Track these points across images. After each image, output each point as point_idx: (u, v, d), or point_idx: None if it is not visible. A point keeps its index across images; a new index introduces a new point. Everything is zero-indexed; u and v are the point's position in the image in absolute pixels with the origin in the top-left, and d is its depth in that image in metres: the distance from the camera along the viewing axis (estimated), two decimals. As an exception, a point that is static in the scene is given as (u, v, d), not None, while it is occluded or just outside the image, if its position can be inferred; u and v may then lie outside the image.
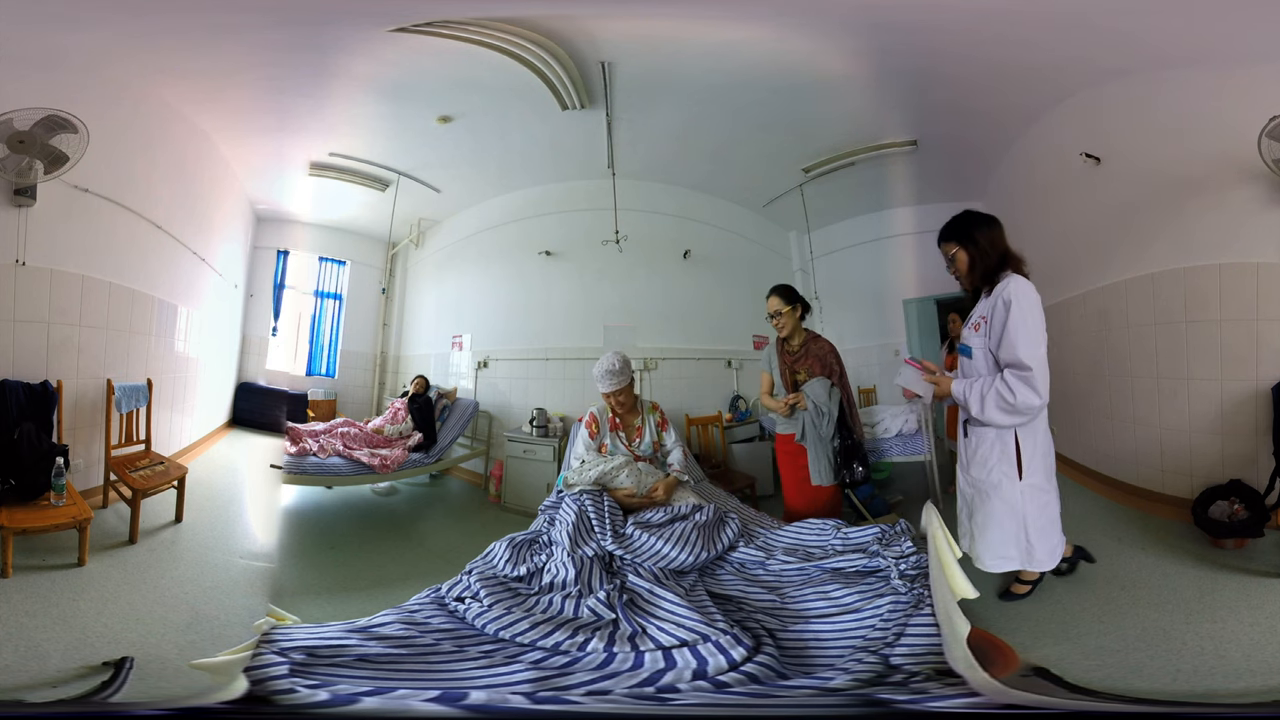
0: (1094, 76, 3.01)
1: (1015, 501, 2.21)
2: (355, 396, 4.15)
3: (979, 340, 2.25)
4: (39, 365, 2.86)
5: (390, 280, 4.28)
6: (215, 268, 3.77)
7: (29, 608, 2.23)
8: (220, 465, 3.64)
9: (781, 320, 2.97)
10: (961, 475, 2.36)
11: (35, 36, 2.63)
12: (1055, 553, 2.26)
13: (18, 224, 2.79)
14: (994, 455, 2.23)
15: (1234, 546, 2.55)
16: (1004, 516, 2.23)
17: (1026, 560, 2.23)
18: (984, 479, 2.25)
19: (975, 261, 2.27)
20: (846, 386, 3.01)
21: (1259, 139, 2.60)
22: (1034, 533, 2.21)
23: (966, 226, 2.29)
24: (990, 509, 2.25)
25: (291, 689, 1.44)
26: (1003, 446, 2.22)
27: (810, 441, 2.91)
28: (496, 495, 3.81)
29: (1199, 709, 1.73)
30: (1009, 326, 2.10)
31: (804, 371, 2.98)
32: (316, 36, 2.91)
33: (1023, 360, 2.07)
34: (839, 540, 2.28)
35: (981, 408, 2.15)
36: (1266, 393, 2.67)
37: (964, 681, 1.49)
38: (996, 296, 2.18)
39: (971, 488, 2.31)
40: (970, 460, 2.31)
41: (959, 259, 2.31)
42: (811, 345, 3.01)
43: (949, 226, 2.35)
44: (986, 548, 2.26)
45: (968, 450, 2.32)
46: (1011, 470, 2.21)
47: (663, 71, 3.19)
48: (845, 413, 2.92)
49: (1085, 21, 2.69)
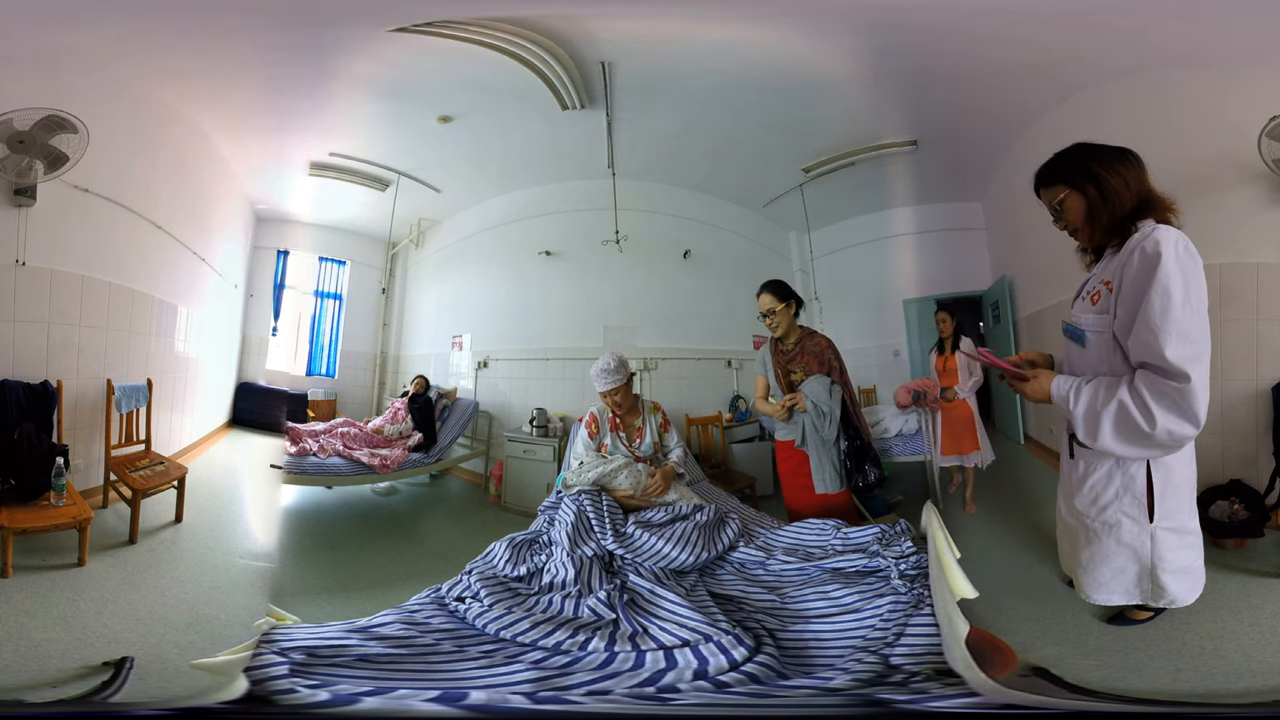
0: (1094, 76, 3.01)
1: (1140, 546, 1.68)
2: (355, 396, 4.15)
3: (1097, 319, 1.58)
4: (39, 365, 2.86)
5: (390, 280, 4.28)
6: (215, 268, 3.77)
7: (29, 608, 2.23)
8: (220, 465, 3.64)
9: (775, 319, 2.78)
10: (1063, 503, 1.86)
11: (35, 36, 2.63)
12: (1196, 590, 1.76)
13: (18, 224, 2.79)
14: (1111, 489, 1.66)
15: (1234, 546, 2.55)
16: (1121, 560, 1.72)
17: (1150, 599, 1.79)
18: (1094, 516, 1.71)
19: (1095, 209, 1.61)
20: (848, 384, 2.83)
21: (1259, 139, 2.60)
22: (1166, 577, 1.70)
23: (1081, 160, 1.64)
24: (1100, 549, 1.74)
25: (291, 689, 1.44)
26: (1125, 479, 1.64)
27: (812, 446, 2.73)
28: (496, 495, 3.81)
29: (1199, 709, 1.73)
30: (1151, 302, 1.41)
31: (800, 370, 2.81)
32: (317, 36, 2.91)
33: (1170, 361, 1.37)
34: (839, 540, 2.28)
35: (1094, 430, 1.48)
36: (1266, 393, 2.67)
37: (964, 681, 1.49)
38: (1130, 252, 1.50)
39: (1075, 519, 1.79)
40: (1075, 490, 1.75)
41: (1070, 206, 1.64)
42: (807, 342, 2.83)
43: (1054, 163, 1.70)
44: (1095, 585, 1.81)
45: (1073, 475, 1.77)
46: (1138, 510, 1.64)
47: (663, 71, 3.20)
48: (849, 411, 2.72)
49: (1085, 21, 2.69)
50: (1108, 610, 2.12)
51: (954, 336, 3.33)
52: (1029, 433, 3.61)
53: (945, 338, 3.35)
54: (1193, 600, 1.81)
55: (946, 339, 3.35)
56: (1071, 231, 1.72)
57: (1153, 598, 1.78)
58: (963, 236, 3.78)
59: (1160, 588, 1.75)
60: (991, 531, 3.04)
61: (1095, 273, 1.66)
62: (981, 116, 3.35)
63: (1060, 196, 1.68)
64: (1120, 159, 1.63)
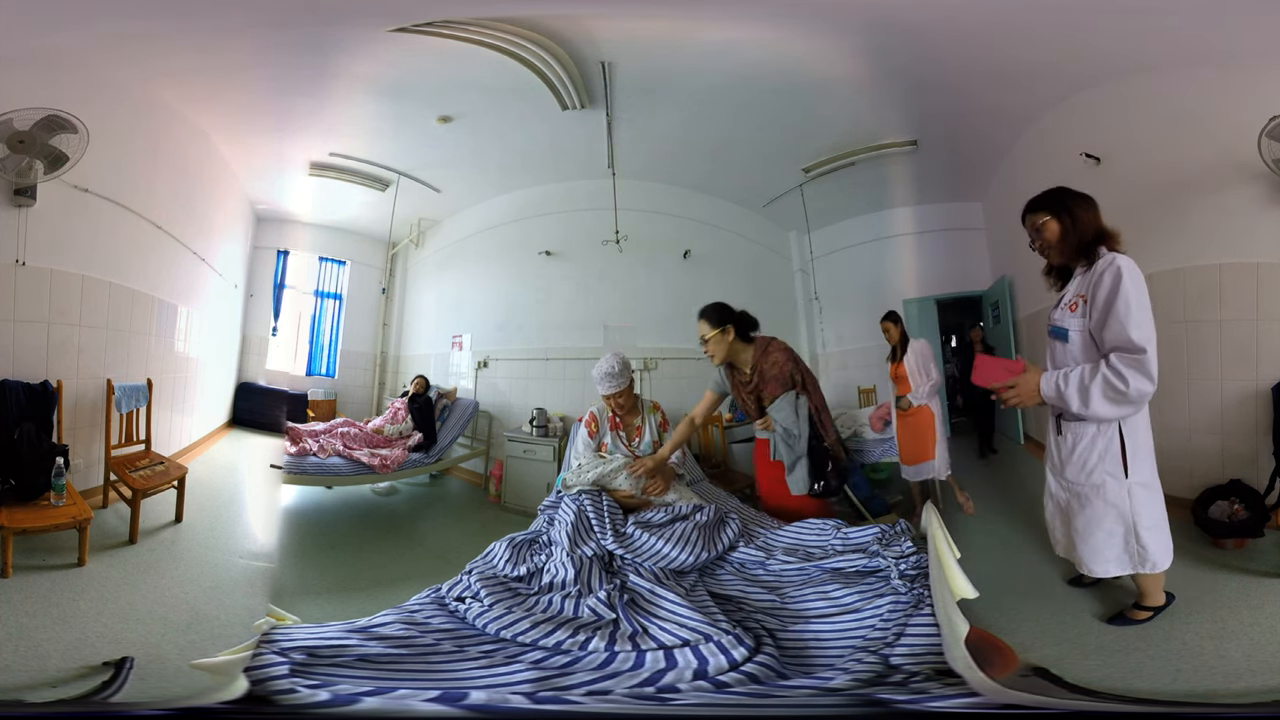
0: (1094, 76, 3.01)
1: (1121, 502, 2.04)
2: (355, 396, 4.15)
3: (1077, 321, 2.04)
4: (39, 365, 2.86)
5: (390, 280, 4.28)
6: (215, 268, 3.77)
7: (29, 608, 2.23)
8: (220, 465, 3.64)
9: (709, 348, 2.71)
10: (1053, 479, 2.20)
11: (35, 36, 2.63)
12: (1169, 551, 2.08)
13: (18, 224, 2.79)
14: (1095, 453, 2.05)
15: (1234, 546, 2.55)
16: (1110, 520, 2.06)
17: (1139, 564, 2.07)
18: (1084, 481, 2.08)
19: (1067, 233, 2.10)
20: (813, 390, 2.74)
21: (1259, 139, 2.60)
22: (1145, 533, 2.04)
23: (1061, 198, 2.14)
24: (1092, 513, 2.08)
25: (292, 689, 1.44)
26: (1106, 443, 2.04)
27: (785, 458, 2.71)
28: (496, 495, 3.81)
29: (1199, 709, 1.73)
30: (1118, 304, 1.90)
31: (767, 397, 2.72)
32: (317, 37, 2.91)
33: (1134, 341, 1.87)
34: (839, 540, 2.28)
35: (1084, 400, 1.93)
36: (1266, 393, 2.67)
37: (964, 681, 1.49)
38: (1099, 272, 1.98)
39: (1067, 492, 2.14)
40: (1065, 462, 2.12)
41: (1049, 228, 2.13)
42: (763, 364, 2.71)
43: (1041, 197, 2.19)
44: (1092, 553, 2.10)
45: (1061, 451, 2.14)
46: (1116, 468, 2.03)
47: (663, 71, 3.20)
48: (815, 421, 2.67)
49: (1085, 21, 2.69)
50: (1108, 610, 2.21)
51: (901, 343, 3.31)
52: (1029, 433, 3.61)
53: (894, 345, 3.34)
54: (1168, 564, 2.08)
55: (895, 346, 3.33)
56: (1044, 251, 2.19)
57: (1140, 561, 2.07)
58: (963, 236, 3.78)
59: (1143, 548, 2.06)
60: (991, 531, 3.04)
61: (1071, 289, 2.12)
62: (981, 116, 3.35)
63: (1043, 220, 2.15)
64: (1087, 201, 2.13)
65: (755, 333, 2.80)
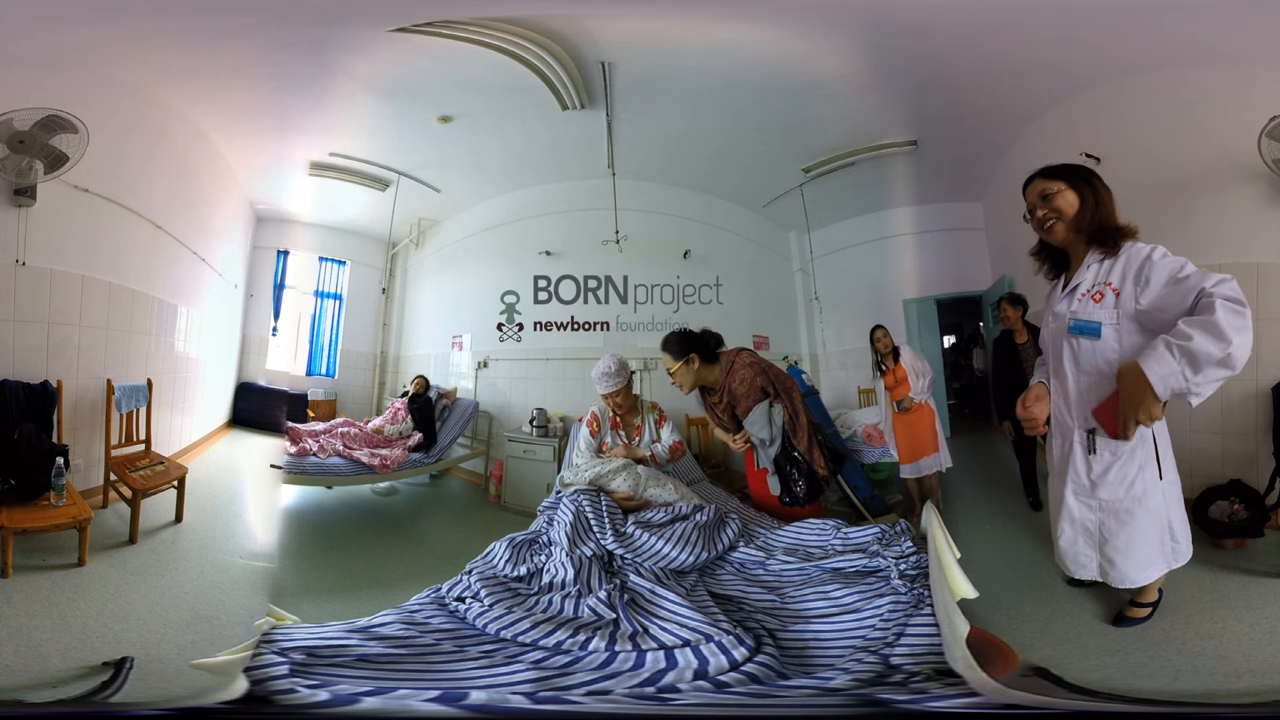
0: (1094, 76, 3.01)
1: (1159, 506, 1.93)
2: (355, 396, 4.14)
3: (1107, 313, 1.83)
4: (39, 365, 2.85)
5: (390, 280, 4.28)
6: (215, 268, 3.77)
7: (29, 608, 2.23)
8: (220, 465, 3.63)
9: (675, 380, 2.73)
10: (1077, 502, 2.00)
11: (35, 36, 2.63)
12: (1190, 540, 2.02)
13: (18, 224, 2.78)
14: (1134, 464, 1.90)
15: (1234, 546, 2.55)
16: (1154, 528, 1.94)
17: (1173, 560, 1.99)
18: (1123, 495, 1.91)
19: (1085, 209, 1.89)
20: (784, 394, 2.71)
21: (1259, 139, 2.60)
22: (1178, 528, 1.97)
23: (1083, 171, 1.94)
24: (1135, 527, 1.93)
25: (291, 689, 1.44)
26: (1145, 451, 1.89)
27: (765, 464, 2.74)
28: (496, 495, 3.81)
29: (1199, 709, 1.73)
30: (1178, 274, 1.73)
31: (741, 412, 2.75)
32: (317, 36, 2.91)
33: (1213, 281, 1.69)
34: (839, 540, 2.28)
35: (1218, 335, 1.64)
36: (1266, 393, 2.67)
37: (964, 681, 1.49)
38: (1142, 255, 1.80)
39: (1100, 513, 1.96)
40: (1099, 482, 1.94)
41: (1063, 198, 1.91)
42: (730, 383, 2.70)
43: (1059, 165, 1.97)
44: (1136, 566, 1.96)
45: (1093, 471, 1.94)
46: (1153, 473, 1.90)
47: (663, 71, 3.19)
48: (785, 431, 2.68)
49: (1086, 21, 2.69)
50: (1108, 610, 2.20)
51: (893, 350, 3.33)
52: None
53: (885, 354, 3.35)
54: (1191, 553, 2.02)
55: (886, 354, 3.35)
56: (1045, 222, 1.95)
57: (1174, 557, 1.99)
58: (963, 236, 3.77)
59: (1176, 542, 1.98)
60: (991, 531, 3.04)
61: (1086, 279, 1.91)
62: (981, 116, 3.35)
63: (1057, 189, 1.93)
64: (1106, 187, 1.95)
65: (721, 349, 2.79)
